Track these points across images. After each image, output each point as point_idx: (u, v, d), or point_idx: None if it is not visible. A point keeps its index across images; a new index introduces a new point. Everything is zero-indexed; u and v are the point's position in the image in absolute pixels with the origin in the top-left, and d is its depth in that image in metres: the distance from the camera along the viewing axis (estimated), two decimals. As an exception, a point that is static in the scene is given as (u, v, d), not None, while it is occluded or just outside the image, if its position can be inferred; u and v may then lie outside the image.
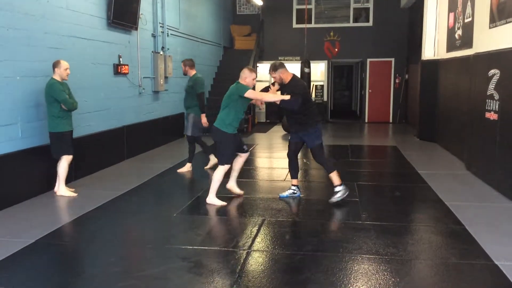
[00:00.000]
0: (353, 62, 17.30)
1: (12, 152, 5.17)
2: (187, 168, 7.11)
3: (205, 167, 7.22)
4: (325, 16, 14.94)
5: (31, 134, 5.49)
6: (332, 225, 4.54)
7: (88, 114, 6.68)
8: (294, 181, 5.64)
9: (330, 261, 3.64)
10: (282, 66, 5.40)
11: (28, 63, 5.43)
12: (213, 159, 7.09)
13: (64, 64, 5.43)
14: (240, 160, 5.55)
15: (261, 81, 12.60)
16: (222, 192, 5.54)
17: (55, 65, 5.42)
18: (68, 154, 5.57)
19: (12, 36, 5.16)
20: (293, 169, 5.64)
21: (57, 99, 5.33)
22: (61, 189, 5.60)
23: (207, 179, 6.56)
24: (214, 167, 6.35)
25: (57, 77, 5.42)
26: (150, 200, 5.92)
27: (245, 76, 5.21)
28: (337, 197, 5.27)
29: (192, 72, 6.95)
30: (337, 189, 5.28)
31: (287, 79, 5.37)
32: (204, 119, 6.84)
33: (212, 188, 5.30)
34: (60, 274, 3.57)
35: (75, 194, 5.61)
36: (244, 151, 5.54)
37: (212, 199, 5.30)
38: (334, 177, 5.30)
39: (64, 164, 5.55)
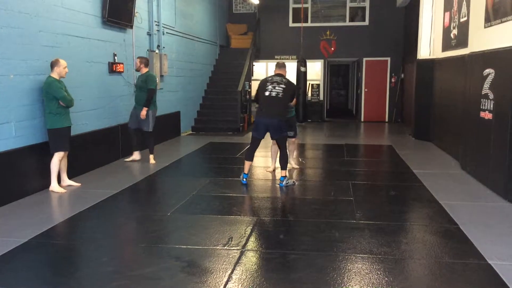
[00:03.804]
0: (349, 61, 17.31)
1: (6, 151, 5.15)
2: (151, 159, 7.55)
3: (125, 159, 7.65)
4: (322, 15, 14.95)
5: (25, 132, 5.46)
6: (326, 224, 4.53)
7: (83, 113, 6.66)
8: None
9: (323, 261, 3.64)
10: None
11: (22, 62, 5.40)
12: (136, 155, 7.60)
13: (63, 62, 5.64)
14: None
15: (256, 80, 12.56)
16: (219, 191, 5.51)
17: (55, 63, 5.58)
18: (65, 150, 5.70)
19: (6, 34, 5.13)
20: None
21: (56, 96, 5.50)
22: (52, 185, 5.66)
23: (202, 178, 6.56)
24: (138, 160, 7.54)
25: (55, 75, 5.59)
26: (145, 199, 5.91)
27: None
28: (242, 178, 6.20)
29: (145, 70, 7.43)
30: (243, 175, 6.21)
31: None
32: (143, 112, 7.26)
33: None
34: (52, 273, 3.55)
35: (64, 191, 5.68)
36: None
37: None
38: (245, 165, 6.19)
39: (55, 160, 5.63)
